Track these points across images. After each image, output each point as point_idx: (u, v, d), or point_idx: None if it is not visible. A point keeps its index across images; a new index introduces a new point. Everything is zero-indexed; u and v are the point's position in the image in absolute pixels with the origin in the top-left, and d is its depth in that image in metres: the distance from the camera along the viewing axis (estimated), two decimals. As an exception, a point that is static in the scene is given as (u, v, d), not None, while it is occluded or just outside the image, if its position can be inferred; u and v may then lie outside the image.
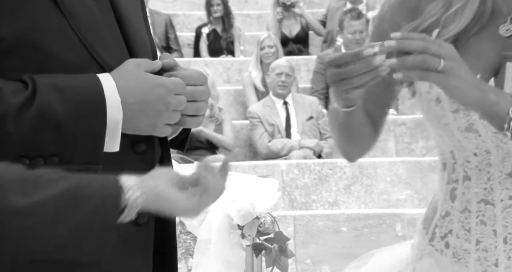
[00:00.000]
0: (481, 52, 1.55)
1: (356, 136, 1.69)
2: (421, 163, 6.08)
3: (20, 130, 1.28)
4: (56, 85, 1.31)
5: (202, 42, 8.56)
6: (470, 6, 1.54)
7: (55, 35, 1.32)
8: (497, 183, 1.60)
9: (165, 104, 1.37)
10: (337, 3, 8.73)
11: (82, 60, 1.35)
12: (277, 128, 6.64)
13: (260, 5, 9.71)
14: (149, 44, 1.50)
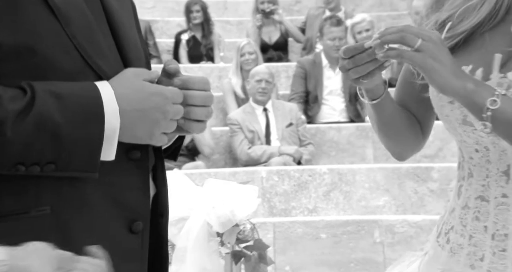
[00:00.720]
0: (494, 47, 1.56)
1: (393, 131, 1.72)
2: (399, 169, 6.07)
3: (18, 137, 1.27)
4: (54, 92, 1.30)
5: (181, 49, 8.53)
6: (488, 2, 1.57)
7: (51, 42, 1.32)
8: (493, 180, 1.61)
9: (163, 113, 1.37)
10: (316, 11, 8.74)
11: (77, 66, 1.34)
12: (257, 135, 6.60)
13: (239, 12, 9.70)
14: (142, 51, 1.50)
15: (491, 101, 1.47)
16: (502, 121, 1.48)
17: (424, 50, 1.45)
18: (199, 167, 6.29)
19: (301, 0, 9.82)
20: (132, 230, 1.40)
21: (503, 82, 1.54)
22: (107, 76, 1.37)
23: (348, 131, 6.81)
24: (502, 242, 1.62)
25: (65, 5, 1.35)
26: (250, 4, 9.07)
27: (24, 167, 1.29)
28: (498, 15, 1.57)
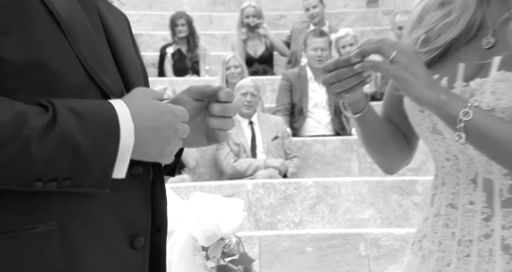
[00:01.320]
0: (467, 60, 1.62)
1: (379, 144, 1.76)
2: (383, 183, 6.05)
3: (42, 153, 1.28)
4: (73, 109, 1.31)
5: (166, 62, 8.47)
6: (464, 17, 1.64)
7: (59, 57, 1.33)
8: (462, 188, 1.66)
9: (174, 131, 1.39)
10: (301, 25, 8.74)
11: (83, 82, 1.35)
12: (242, 148, 6.55)
13: (225, 25, 9.67)
14: (139, 65, 1.51)
15: (464, 113, 1.51)
16: (475, 132, 1.52)
17: (398, 61, 1.49)
18: (185, 181, 6.24)
19: (286, 15, 9.84)
20: (134, 245, 1.41)
21: (466, 91, 1.60)
22: (111, 92, 1.39)
23: (333, 144, 6.79)
24: (467, 247, 1.66)
25: (71, 21, 1.35)
26: (235, 18, 9.06)
27: (42, 183, 1.29)
28: (472, 31, 1.64)
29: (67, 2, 1.36)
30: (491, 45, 1.63)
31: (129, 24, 1.58)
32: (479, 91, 1.59)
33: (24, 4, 1.31)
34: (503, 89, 1.56)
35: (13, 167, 1.27)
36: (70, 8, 1.36)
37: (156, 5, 10.08)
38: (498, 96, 1.57)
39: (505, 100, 1.56)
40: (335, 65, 1.55)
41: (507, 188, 1.63)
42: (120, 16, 1.55)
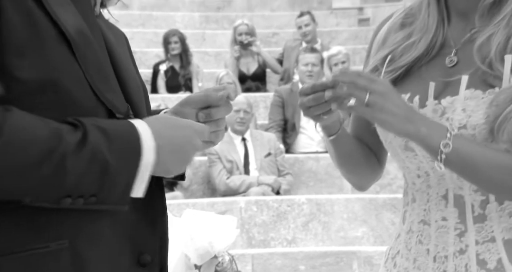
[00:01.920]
0: (430, 78, 1.66)
1: (351, 164, 1.78)
2: (376, 200, 6.02)
3: (75, 169, 1.29)
4: (101, 127, 1.33)
5: (159, 79, 8.43)
6: (424, 39, 1.68)
7: (70, 77, 1.34)
8: (433, 204, 1.68)
9: (193, 147, 1.42)
10: (293, 43, 8.76)
11: (91, 101, 1.36)
12: (235, 165, 6.50)
13: (218, 43, 9.66)
14: (140, 82, 1.52)
15: (444, 144, 1.53)
16: (456, 162, 1.55)
17: (372, 105, 1.51)
18: (177, 198, 6.18)
19: (278, 32, 9.85)
20: (141, 263, 1.42)
21: (437, 108, 1.63)
22: (117, 110, 1.40)
23: (326, 161, 6.76)
24: (443, 264, 1.67)
25: (80, 41, 1.36)
26: (228, 35, 9.05)
27: (71, 200, 1.30)
28: (433, 50, 1.68)
29: (76, 22, 1.37)
30: (454, 64, 1.66)
31: (127, 41, 1.60)
32: (450, 109, 1.62)
33: (37, 25, 1.32)
34: (473, 106, 1.60)
35: (49, 183, 1.28)
36: (79, 27, 1.37)
37: (149, 22, 10.05)
38: (469, 113, 1.60)
39: (475, 117, 1.59)
40: (312, 89, 1.58)
41: (478, 204, 1.65)
42: (119, 34, 1.56)
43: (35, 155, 1.26)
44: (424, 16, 1.70)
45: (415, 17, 1.72)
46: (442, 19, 1.70)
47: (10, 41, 1.29)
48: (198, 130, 1.43)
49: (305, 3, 10.61)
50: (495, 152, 1.56)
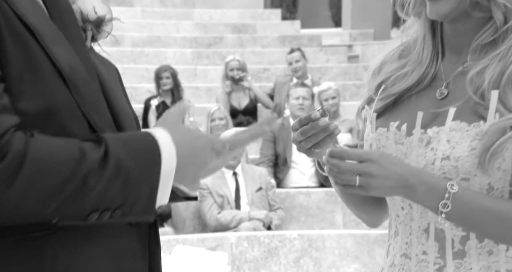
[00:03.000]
0: (419, 108, 1.68)
1: (357, 200, 1.78)
2: (368, 236, 5.92)
3: (100, 184, 1.30)
4: (120, 138, 1.35)
5: (151, 114, 8.37)
6: (417, 70, 1.71)
7: (65, 109, 1.34)
8: (415, 237, 1.68)
9: (209, 156, 1.41)
10: (284, 78, 8.79)
11: (85, 133, 1.36)
12: (226, 199, 6.38)
13: (209, 78, 9.65)
14: (131, 114, 1.52)
15: (443, 204, 1.56)
16: (456, 219, 1.57)
17: (364, 186, 1.54)
18: (167, 234, 6.03)
19: (269, 68, 9.88)
20: None
21: (423, 138, 1.65)
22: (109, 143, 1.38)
23: (317, 196, 6.69)
24: None
25: (73, 74, 1.37)
26: (219, 71, 9.07)
27: (98, 214, 1.31)
28: (424, 81, 1.71)
29: (69, 56, 1.38)
30: (444, 96, 1.68)
31: (119, 74, 1.60)
32: (435, 139, 1.64)
33: (33, 58, 1.33)
34: (458, 138, 1.61)
35: (73, 202, 1.29)
36: (71, 61, 1.38)
37: (140, 58, 9.99)
38: (453, 144, 1.62)
39: (459, 149, 1.61)
40: (299, 123, 1.60)
41: (459, 239, 1.65)
42: (110, 67, 1.57)
43: (60, 176, 1.27)
44: (419, 48, 1.73)
45: (411, 50, 1.75)
46: (437, 53, 1.72)
47: (10, 69, 1.30)
48: (211, 141, 1.42)
49: (295, 40, 10.67)
50: (495, 204, 1.57)
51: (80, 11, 1.50)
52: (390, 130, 1.69)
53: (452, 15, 1.64)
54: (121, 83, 1.59)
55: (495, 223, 1.56)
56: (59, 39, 1.37)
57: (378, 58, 1.80)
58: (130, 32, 10.19)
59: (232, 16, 11.52)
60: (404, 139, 1.67)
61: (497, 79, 1.59)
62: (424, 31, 1.72)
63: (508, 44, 1.61)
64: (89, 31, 1.52)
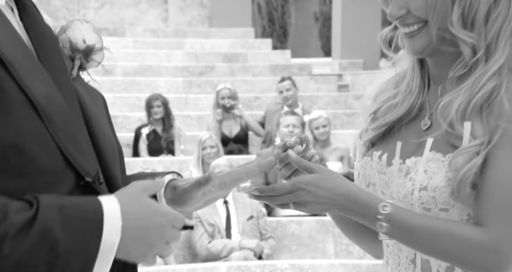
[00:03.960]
0: (407, 139, 1.69)
1: (356, 232, 1.77)
2: (359, 266, 5.81)
3: (16, 252, 1.22)
4: (59, 205, 1.26)
5: (141, 142, 8.25)
6: (407, 100, 1.73)
7: (36, 141, 1.30)
8: (403, 268, 1.69)
9: (162, 235, 1.33)
10: (275, 107, 8.75)
11: (59, 165, 1.32)
12: (217, 228, 6.26)
13: (200, 106, 9.58)
14: (115, 144, 1.48)
15: (379, 225, 1.59)
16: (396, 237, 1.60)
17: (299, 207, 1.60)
18: (157, 264, 5.84)
19: (260, 97, 9.86)
20: None
21: (402, 168, 1.67)
22: (87, 173, 1.35)
23: (308, 225, 6.60)
24: None
25: (48, 105, 1.32)
26: (210, 99, 9.01)
27: None
28: (413, 111, 1.72)
29: (45, 86, 1.34)
30: (427, 127, 1.68)
31: (105, 103, 1.56)
32: (413, 169, 1.65)
33: (2, 91, 1.28)
34: (434, 168, 1.62)
35: None
36: (48, 92, 1.34)
37: (131, 87, 9.89)
38: (430, 175, 1.62)
39: (436, 179, 1.61)
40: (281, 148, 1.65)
41: (444, 270, 1.65)
42: (97, 96, 1.53)
43: None
44: (409, 79, 1.75)
45: (402, 80, 1.77)
46: (424, 84, 1.74)
47: None
48: (171, 219, 1.34)
49: (286, 69, 10.64)
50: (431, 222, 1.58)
51: (69, 40, 1.48)
52: (373, 159, 1.72)
53: (427, 51, 1.67)
54: (107, 112, 1.55)
55: (433, 241, 1.57)
56: (36, 69, 1.34)
57: (373, 87, 1.82)
58: (121, 62, 10.10)
59: (223, 45, 11.46)
60: (385, 169, 1.69)
61: (464, 109, 1.61)
62: (412, 63, 1.75)
63: (475, 75, 1.62)
64: (77, 60, 1.49)
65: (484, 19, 1.62)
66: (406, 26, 1.66)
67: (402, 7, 1.65)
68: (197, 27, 12.31)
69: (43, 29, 1.40)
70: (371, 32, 10.93)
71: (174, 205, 1.56)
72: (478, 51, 1.62)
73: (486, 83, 1.60)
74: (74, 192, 1.34)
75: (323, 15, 15.46)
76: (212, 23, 12.36)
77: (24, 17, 1.38)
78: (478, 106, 1.59)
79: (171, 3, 12.41)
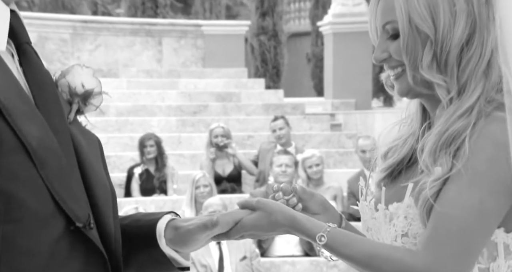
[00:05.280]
0: (399, 184, 1.68)
1: None
2: None
3: None
4: None
5: (134, 182, 8.10)
6: (408, 144, 1.72)
7: (27, 185, 1.29)
8: None
9: None
10: (268, 145, 8.65)
11: (49, 209, 1.31)
12: (209, 269, 6.06)
13: (193, 145, 9.43)
14: (109, 188, 1.47)
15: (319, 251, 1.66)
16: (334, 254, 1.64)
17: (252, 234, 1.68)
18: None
19: (253, 135, 9.73)
20: None
21: (386, 214, 1.66)
22: (77, 218, 1.34)
23: (302, 265, 6.51)
24: None
25: (41, 149, 1.32)
26: (203, 138, 8.87)
27: None
28: (412, 156, 1.70)
29: (39, 130, 1.33)
30: (421, 170, 1.65)
31: (101, 146, 1.55)
32: (395, 215, 1.64)
33: None
34: (413, 215, 1.60)
35: None
36: (42, 136, 1.33)
37: (125, 127, 9.74)
38: (410, 221, 1.61)
39: (415, 225, 1.60)
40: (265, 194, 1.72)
41: None
42: (92, 139, 1.51)
43: None
44: (413, 121, 1.75)
45: (408, 122, 1.77)
46: (425, 126, 1.71)
47: None
48: None
49: (278, 108, 10.55)
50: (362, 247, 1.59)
51: (68, 84, 1.49)
52: (367, 204, 1.72)
53: (411, 93, 1.68)
54: (102, 155, 1.54)
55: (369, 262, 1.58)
56: (32, 114, 1.33)
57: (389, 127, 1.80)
58: (115, 102, 9.97)
59: (217, 85, 11.37)
60: (375, 214, 1.69)
61: (434, 151, 1.60)
62: (416, 105, 1.75)
63: (445, 116, 1.62)
64: (75, 104, 1.49)
65: (456, 61, 1.62)
66: (391, 69, 1.69)
67: (384, 50, 1.68)
68: (191, 68, 12.22)
69: (41, 75, 1.41)
70: (362, 72, 10.99)
71: (175, 245, 1.57)
72: (451, 92, 1.63)
73: (454, 123, 1.60)
74: (64, 236, 1.31)
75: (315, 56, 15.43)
76: (206, 64, 12.29)
77: (23, 62, 1.40)
78: (447, 144, 1.59)
79: (165, 45, 12.34)
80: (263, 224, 1.63)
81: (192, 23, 12.89)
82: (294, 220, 1.62)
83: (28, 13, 13.52)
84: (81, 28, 11.84)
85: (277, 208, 1.63)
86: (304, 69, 15.98)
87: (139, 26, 12.32)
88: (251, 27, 13.71)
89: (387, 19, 1.66)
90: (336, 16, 11.46)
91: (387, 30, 1.66)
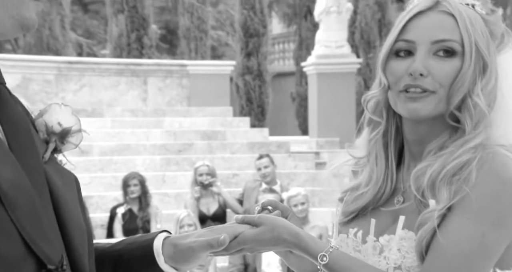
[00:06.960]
0: (381, 217, 1.69)
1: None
2: None
3: None
4: None
5: (116, 222, 7.84)
6: (372, 189, 1.71)
7: None
8: None
9: None
10: (253, 184, 8.50)
11: (18, 251, 1.24)
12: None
13: (178, 184, 9.25)
14: (84, 228, 1.40)
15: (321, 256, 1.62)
16: None
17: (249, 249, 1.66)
18: None
19: (239, 174, 9.56)
20: None
21: (376, 245, 1.65)
22: (49, 260, 1.27)
23: None
24: None
25: (13, 191, 1.26)
26: (188, 177, 8.66)
27: None
28: (382, 197, 1.70)
29: (11, 171, 1.28)
30: (401, 203, 1.67)
31: (78, 185, 1.49)
32: (387, 247, 1.64)
33: None
34: (407, 247, 1.61)
35: None
36: (13, 178, 1.28)
37: (108, 167, 9.47)
38: (403, 254, 1.61)
39: (409, 258, 1.60)
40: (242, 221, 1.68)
41: None
42: (69, 178, 1.46)
43: None
44: (372, 167, 1.72)
45: (363, 168, 1.75)
46: (391, 170, 1.71)
47: None
48: None
49: (264, 146, 10.39)
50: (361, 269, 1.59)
51: (45, 123, 1.45)
52: (349, 236, 1.70)
53: (431, 115, 1.64)
54: (79, 194, 1.48)
55: None
56: (3, 156, 1.29)
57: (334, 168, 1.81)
58: (98, 142, 9.73)
59: (202, 123, 11.17)
60: (360, 246, 1.68)
61: (435, 176, 1.59)
62: (376, 149, 1.71)
63: (453, 147, 1.61)
64: (51, 143, 1.44)
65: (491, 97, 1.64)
66: (418, 87, 1.63)
67: (425, 66, 1.63)
68: (176, 106, 12.02)
69: (15, 116, 1.37)
70: (346, 111, 11.04)
71: (175, 262, 1.56)
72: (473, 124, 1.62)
73: (461, 155, 1.60)
74: None
75: (299, 96, 15.36)
76: (191, 103, 12.11)
77: None
78: (450, 174, 1.59)
79: (150, 84, 12.16)
80: (265, 239, 1.62)
81: (178, 63, 12.75)
82: (298, 236, 1.63)
83: (13, 55, 13.32)
84: (66, 69, 11.64)
85: (281, 223, 1.63)
86: (288, 108, 15.89)
87: (124, 66, 12.15)
88: (236, 67, 13.60)
89: (445, 36, 1.63)
90: (320, 57, 11.47)
91: (438, 48, 1.64)
